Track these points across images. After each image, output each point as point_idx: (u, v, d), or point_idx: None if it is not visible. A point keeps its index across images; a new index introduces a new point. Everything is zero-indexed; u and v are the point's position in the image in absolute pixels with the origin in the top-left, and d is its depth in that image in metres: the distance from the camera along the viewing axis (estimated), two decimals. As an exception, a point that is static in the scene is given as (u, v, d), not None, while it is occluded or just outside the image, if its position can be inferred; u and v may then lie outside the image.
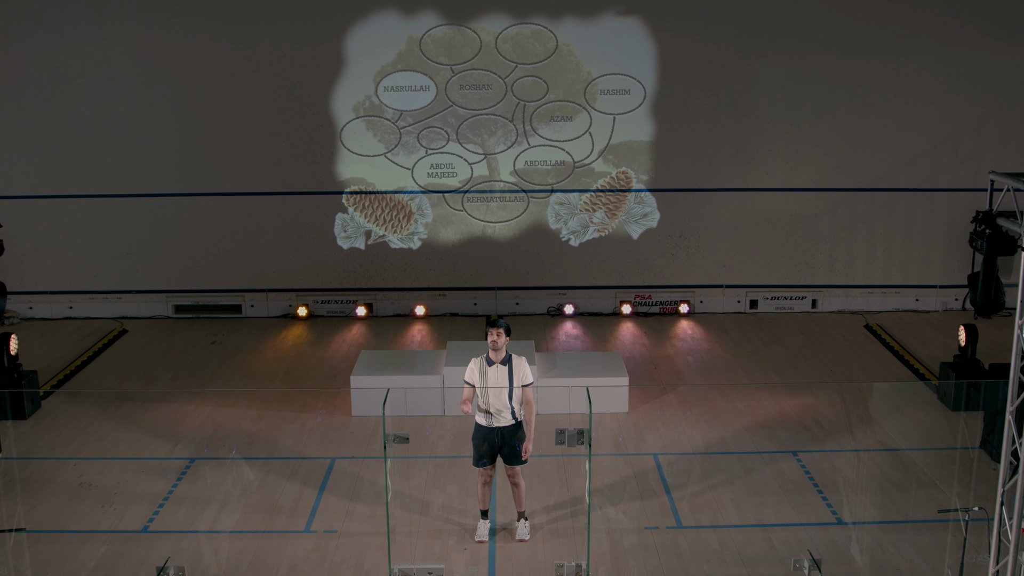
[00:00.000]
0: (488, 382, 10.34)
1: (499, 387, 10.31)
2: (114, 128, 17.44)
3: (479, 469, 10.62)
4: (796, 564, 8.20)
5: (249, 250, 18.13)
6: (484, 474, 10.63)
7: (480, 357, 10.56)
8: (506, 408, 10.35)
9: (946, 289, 18.28)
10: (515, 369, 10.41)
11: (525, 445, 10.41)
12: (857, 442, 13.24)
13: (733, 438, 13.28)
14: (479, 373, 10.45)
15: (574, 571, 9.61)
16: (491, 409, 10.36)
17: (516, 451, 10.42)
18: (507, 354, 10.49)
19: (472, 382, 10.49)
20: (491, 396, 10.35)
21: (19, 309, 17.92)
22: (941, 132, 17.69)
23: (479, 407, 10.49)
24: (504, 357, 10.45)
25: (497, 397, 10.34)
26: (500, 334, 10.37)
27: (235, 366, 16.03)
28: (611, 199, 18.01)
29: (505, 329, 10.44)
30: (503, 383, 10.35)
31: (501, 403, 10.35)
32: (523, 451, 10.38)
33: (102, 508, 11.48)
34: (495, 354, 10.41)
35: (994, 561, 7.76)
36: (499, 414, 10.36)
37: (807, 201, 18.03)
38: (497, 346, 10.36)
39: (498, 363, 10.42)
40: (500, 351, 10.41)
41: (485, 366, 10.45)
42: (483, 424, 10.46)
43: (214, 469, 12.47)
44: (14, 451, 12.90)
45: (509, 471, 10.61)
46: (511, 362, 10.45)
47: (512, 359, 10.48)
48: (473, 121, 17.60)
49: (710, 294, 18.47)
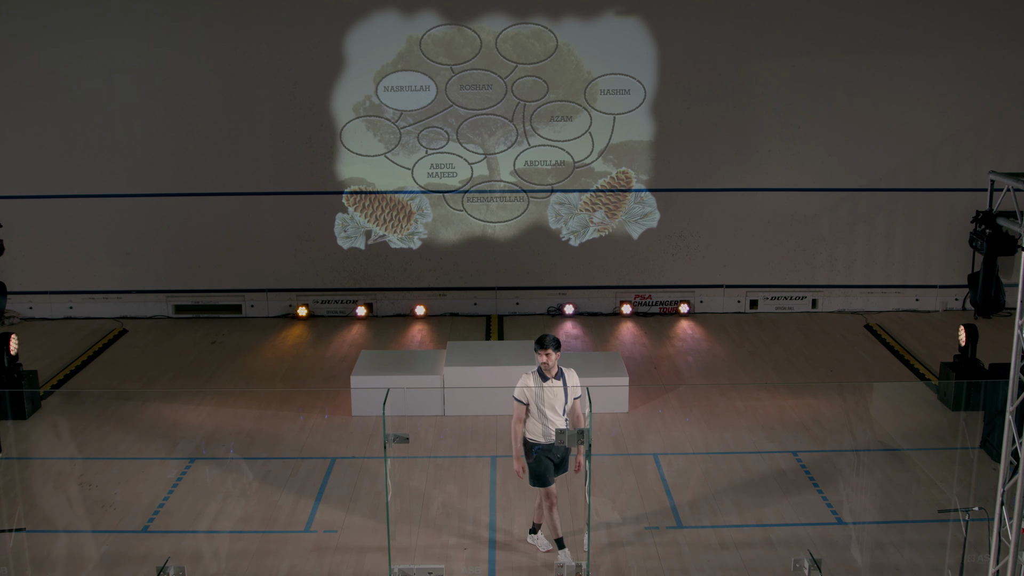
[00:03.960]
0: (544, 400, 9.92)
1: (556, 402, 9.94)
2: (114, 128, 17.44)
3: (541, 489, 10.16)
4: (796, 564, 8.19)
5: (249, 250, 18.13)
6: (550, 495, 10.18)
7: (531, 372, 10.07)
8: (561, 423, 9.98)
9: (946, 289, 18.28)
10: (569, 383, 10.01)
11: (577, 456, 10.07)
12: (857, 442, 13.24)
13: (733, 438, 13.28)
14: (534, 391, 9.99)
15: (574, 571, 9.62)
16: (547, 426, 9.94)
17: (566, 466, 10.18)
18: (560, 368, 10.06)
19: (524, 399, 10.04)
20: (548, 413, 9.95)
21: (19, 309, 17.92)
22: (941, 132, 17.69)
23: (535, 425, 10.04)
24: (558, 372, 10.02)
25: (554, 413, 9.94)
26: (550, 354, 9.86)
27: (235, 366, 16.03)
28: (611, 199, 18.01)
29: (554, 346, 9.90)
30: (559, 397, 9.95)
31: (558, 418, 9.95)
32: (578, 463, 10.03)
33: (102, 508, 11.48)
34: (548, 371, 9.94)
35: (994, 561, 7.76)
36: (552, 431, 9.90)
37: (807, 201, 18.03)
38: (548, 366, 9.90)
39: (552, 378, 9.95)
40: (554, 368, 9.95)
41: (540, 381, 9.99)
42: (543, 441, 10.01)
43: (214, 469, 12.48)
44: (14, 451, 12.90)
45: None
46: (564, 376, 10.02)
47: (564, 373, 10.05)
48: (473, 121, 17.60)
49: (710, 294, 18.47)
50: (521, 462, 10.11)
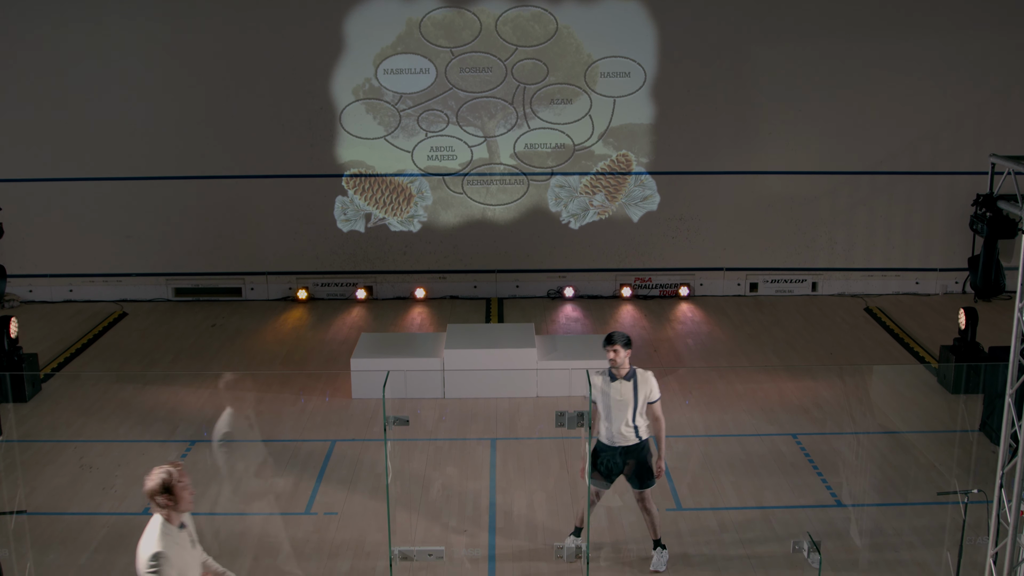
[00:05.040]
0: (611, 399, 9.62)
1: (623, 404, 9.63)
2: (113, 111, 17.41)
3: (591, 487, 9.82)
4: (796, 546, 8.20)
5: (249, 233, 18.12)
6: (593, 493, 9.88)
7: (602, 371, 9.77)
8: (630, 427, 9.64)
9: (946, 272, 18.28)
10: (640, 385, 9.62)
11: (657, 462, 9.76)
12: (857, 425, 13.26)
13: (733, 420, 13.30)
14: (601, 389, 9.69)
15: (574, 553, 9.64)
16: (612, 427, 9.68)
17: (640, 473, 9.77)
18: (631, 368, 9.67)
19: (594, 399, 9.71)
20: (614, 413, 9.65)
21: (19, 292, 17.92)
22: (942, 115, 17.67)
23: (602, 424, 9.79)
24: (628, 372, 9.65)
25: (620, 415, 9.63)
26: (618, 351, 9.53)
27: (235, 349, 16.04)
28: (611, 182, 17.99)
29: (623, 343, 9.57)
30: (627, 399, 9.63)
31: (624, 421, 9.63)
32: (656, 469, 9.75)
33: (103, 491, 11.50)
34: (617, 370, 9.64)
35: (993, 543, 7.79)
36: (620, 433, 9.66)
37: (807, 184, 18.00)
38: (617, 364, 9.57)
39: (622, 378, 9.63)
40: (622, 367, 9.61)
41: (608, 381, 9.67)
42: (604, 442, 9.76)
43: (214, 452, 12.49)
44: (15, 434, 12.92)
45: (636, 495, 9.92)
46: (636, 377, 9.66)
47: (637, 374, 9.66)
48: (473, 104, 17.57)
49: (710, 277, 18.46)
50: (583, 462, 9.86)
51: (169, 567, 6.54)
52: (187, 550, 6.74)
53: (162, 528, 6.65)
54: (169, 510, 6.69)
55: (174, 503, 6.68)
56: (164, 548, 6.56)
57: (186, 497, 6.74)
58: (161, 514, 6.70)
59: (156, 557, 6.53)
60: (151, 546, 6.58)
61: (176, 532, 6.71)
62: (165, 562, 6.53)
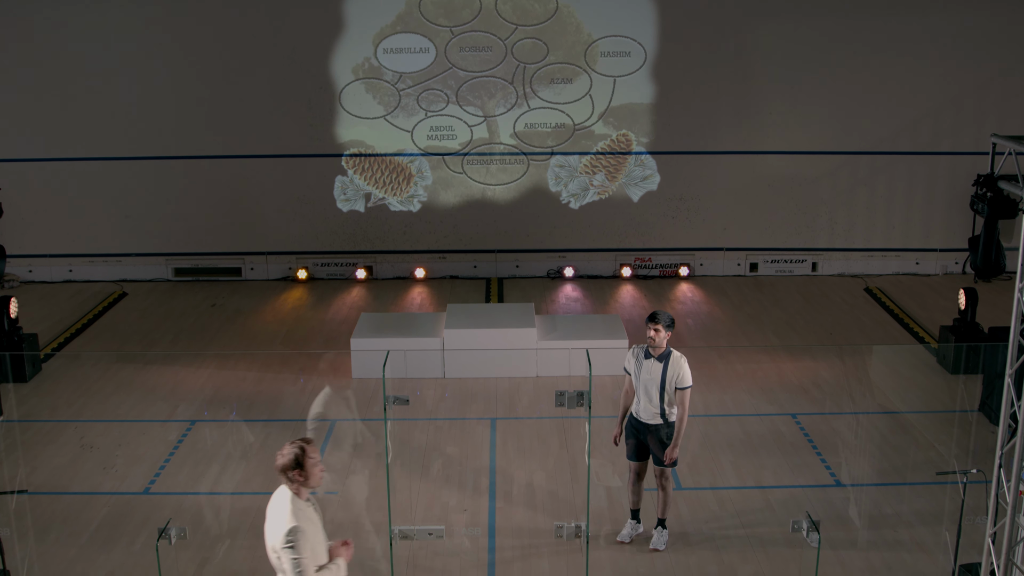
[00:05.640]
0: (640, 376, 9.67)
1: (650, 383, 9.64)
2: (113, 91, 17.37)
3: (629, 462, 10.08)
4: (795, 525, 8.23)
5: (249, 213, 18.10)
6: (631, 468, 10.06)
7: (641, 347, 9.80)
8: (655, 406, 9.66)
9: (946, 253, 18.27)
10: (670, 368, 9.59)
11: (668, 450, 9.73)
12: (856, 405, 13.28)
13: (732, 400, 13.31)
14: (635, 363, 9.75)
15: (573, 532, 9.66)
16: (639, 404, 9.76)
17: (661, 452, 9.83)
18: (667, 349, 9.64)
19: (628, 371, 9.85)
20: (640, 391, 9.70)
21: (19, 272, 17.91)
22: (943, 95, 17.62)
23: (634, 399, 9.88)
24: (663, 353, 9.64)
25: (646, 393, 9.67)
26: (659, 330, 9.51)
27: (235, 329, 16.05)
28: (611, 162, 17.96)
29: (665, 323, 9.55)
30: (655, 379, 9.63)
31: (649, 399, 9.68)
32: (665, 456, 9.74)
33: (104, 470, 11.52)
34: (654, 349, 9.64)
35: (991, 523, 7.80)
36: (646, 410, 9.71)
37: (808, 164, 17.98)
38: (655, 343, 9.55)
39: (655, 358, 9.63)
40: (660, 347, 9.60)
41: (642, 357, 9.70)
42: (634, 415, 9.86)
43: (215, 431, 12.51)
44: (15, 413, 12.94)
45: (656, 471, 9.94)
46: (668, 359, 9.62)
47: (671, 356, 9.62)
48: (473, 83, 17.52)
49: (710, 257, 18.46)
50: (617, 430, 9.99)
51: (305, 540, 6.58)
52: (316, 525, 6.78)
53: (293, 503, 6.68)
54: (299, 485, 6.72)
55: (305, 478, 6.71)
56: (299, 522, 6.60)
57: (316, 473, 6.77)
58: (291, 488, 6.73)
59: (293, 532, 6.55)
60: (287, 521, 6.60)
61: (305, 506, 6.75)
62: (302, 536, 6.57)
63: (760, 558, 9.81)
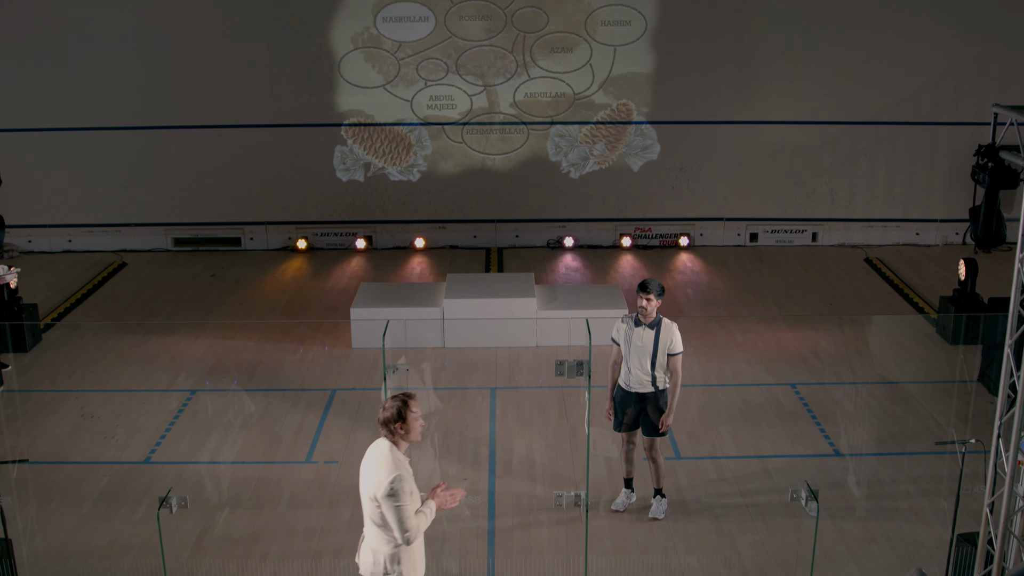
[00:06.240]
0: (631, 344, 9.63)
1: (642, 350, 9.62)
2: (112, 60, 17.28)
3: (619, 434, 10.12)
4: (793, 495, 8.25)
5: (248, 183, 18.06)
6: (622, 440, 10.09)
7: (630, 315, 9.82)
8: (646, 374, 9.64)
9: (947, 223, 18.24)
10: (662, 334, 9.58)
11: (663, 417, 9.73)
12: (855, 375, 13.29)
13: (732, 370, 13.33)
14: (624, 333, 9.72)
15: (573, 501, 9.70)
16: (630, 373, 9.72)
17: (651, 421, 9.80)
18: (657, 317, 9.63)
19: (617, 341, 9.82)
20: (632, 359, 9.67)
21: (18, 242, 17.89)
22: (945, 65, 17.54)
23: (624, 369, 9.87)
24: (654, 320, 9.61)
25: (639, 361, 9.64)
26: (651, 299, 9.49)
27: (235, 299, 16.05)
28: (611, 131, 17.90)
29: (656, 292, 9.55)
30: (647, 347, 9.62)
31: (641, 367, 9.65)
32: (661, 423, 9.78)
33: (104, 440, 11.55)
34: (644, 317, 9.59)
35: (989, 493, 7.82)
36: (637, 378, 9.69)
37: (809, 134, 17.92)
38: (646, 312, 9.53)
39: (646, 325, 9.60)
40: (650, 315, 9.57)
41: (632, 326, 9.66)
42: (622, 386, 9.84)
43: (215, 400, 12.54)
44: (16, 383, 12.96)
45: (645, 442, 9.95)
46: (660, 326, 9.62)
47: (662, 323, 9.61)
48: (472, 52, 17.44)
49: (710, 227, 18.43)
50: (609, 403, 10.01)
51: (406, 488, 6.72)
52: (412, 477, 6.87)
53: (393, 453, 6.80)
54: (400, 438, 6.85)
55: (406, 432, 6.84)
56: (401, 471, 6.72)
57: (416, 427, 6.90)
58: (392, 441, 6.85)
59: (397, 480, 6.68)
60: (389, 470, 6.71)
61: (403, 459, 6.87)
62: (404, 484, 6.71)
63: (759, 527, 9.85)
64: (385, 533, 6.84)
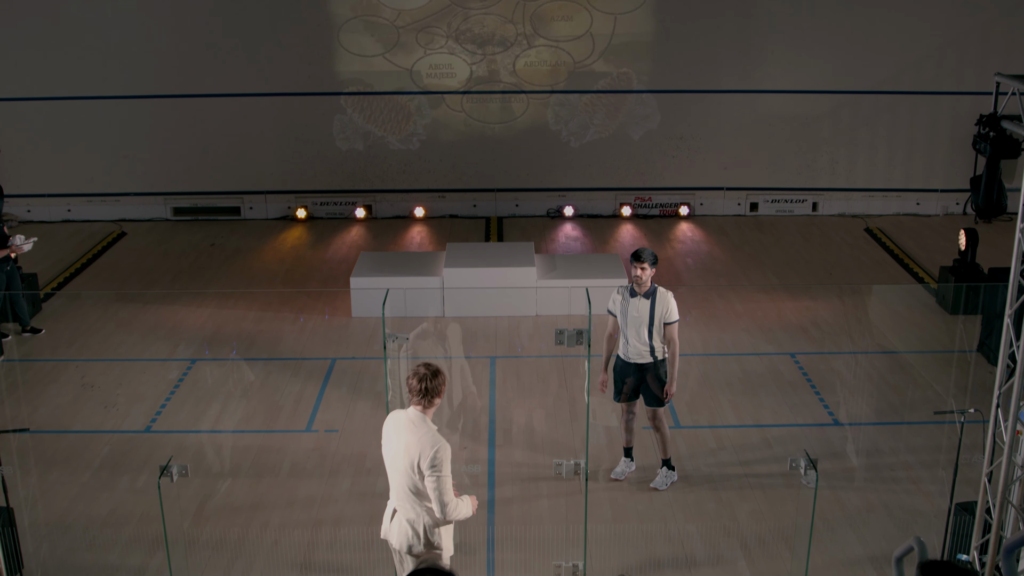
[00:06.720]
0: (628, 315, 9.63)
1: (638, 320, 9.61)
2: (110, 29, 17.19)
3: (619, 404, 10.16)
4: (792, 463, 8.27)
5: (247, 152, 18.01)
6: (622, 409, 10.13)
7: (624, 287, 9.80)
8: (644, 344, 9.65)
9: (947, 193, 18.20)
10: (658, 304, 9.59)
11: (667, 386, 9.75)
12: (855, 344, 13.31)
13: (732, 340, 13.34)
14: (620, 304, 9.73)
15: (572, 470, 9.72)
16: (628, 343, 9.73)
17: (652, 391, 9.81)
18: (652, 286, 9.64)
19: (613, 312, 9.81)
20: (629, 330, 9.67)
21: (17, 212, 17.86)
22: (946, 34, 17.44)
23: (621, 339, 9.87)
24: (649, 290, 9.62)
25: (635, 331, 9.65)
26: (645, 268, 9.51)
27: (235, 268, 16.04)
28: (611, 100, 17.83)
29: (650, 261, 9.56)
30: (643, 316, 9.62)
31: (638, 338, 9.65)
32: (665, 393, 9.78)
33: (105, 409, 11.58)
34: (639, 287, 9.62)
35: (988, 462, 7.85)
36: (635, 349, 9.69)
37: (809, 103, 17.85)
38: (641, 282, 9.55)
39: (641, 295, 9.61)
40: (645, 284, 9.59)
41: (627, 296, 9.67)
42: (621, 356, 9.83)
43: (215, 370, 12.56)
44: (16, 353, 12.98)
45: (648, 412, 9.97)
46: (655, 296, 9.62)
47: (657, 292, 9.61)
48: (472, 20, 17.35)
49: (710, 196, 18.40)
50: (603, 375, 9.99)
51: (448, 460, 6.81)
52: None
53: (428, 423, 6.91)
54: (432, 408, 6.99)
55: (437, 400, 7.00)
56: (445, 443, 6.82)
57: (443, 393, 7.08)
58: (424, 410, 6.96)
59: (445, 450, 6.77)
60: (433, 440, 6.78)
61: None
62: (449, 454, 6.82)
63: (758, 496, 9.89)
64: (423, 503, 6.86)
